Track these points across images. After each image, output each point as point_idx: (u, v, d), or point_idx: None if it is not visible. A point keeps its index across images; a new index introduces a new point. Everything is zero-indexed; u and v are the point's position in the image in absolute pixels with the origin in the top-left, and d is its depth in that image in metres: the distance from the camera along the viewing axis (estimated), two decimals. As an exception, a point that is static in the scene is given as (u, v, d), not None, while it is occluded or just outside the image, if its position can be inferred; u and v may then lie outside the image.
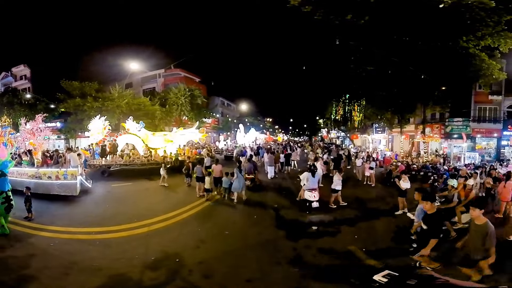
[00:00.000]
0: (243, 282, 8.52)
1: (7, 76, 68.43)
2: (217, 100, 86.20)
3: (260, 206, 17.34)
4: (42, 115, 31.20)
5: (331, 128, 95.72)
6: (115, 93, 47.36)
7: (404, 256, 9.90)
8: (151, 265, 9.50)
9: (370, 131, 66.69)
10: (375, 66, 36.35)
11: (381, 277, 3.43)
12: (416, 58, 31.31)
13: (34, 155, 24.74)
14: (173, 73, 66.80)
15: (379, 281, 3.49)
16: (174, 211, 15.68)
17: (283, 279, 8.71)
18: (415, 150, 47.54)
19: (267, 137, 78.67)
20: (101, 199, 18.59)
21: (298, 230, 12.99)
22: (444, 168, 27.16)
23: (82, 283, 8.44)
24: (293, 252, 10.55)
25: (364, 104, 56.67)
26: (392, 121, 50.15)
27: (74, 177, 19.45)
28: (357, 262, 9.81)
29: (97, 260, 9.78)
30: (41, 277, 8.60)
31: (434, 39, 26.02)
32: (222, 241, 11.84)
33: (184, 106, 57.17)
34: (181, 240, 11.78)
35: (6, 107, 52.15)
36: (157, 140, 31.94)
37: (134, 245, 11.17)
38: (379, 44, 29.35)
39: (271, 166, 26.26)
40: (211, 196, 18.36)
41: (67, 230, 12.87)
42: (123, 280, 8.60)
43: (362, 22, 19.79)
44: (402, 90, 39.49)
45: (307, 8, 18.24)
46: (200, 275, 8.87)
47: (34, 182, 18.38)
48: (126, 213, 15.22)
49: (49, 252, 10.33)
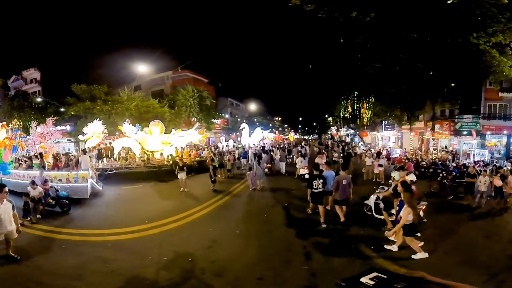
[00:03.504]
0: (255, 280, 8.58)
1: (17, 79, 68.49)
2: (225, 100, 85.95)
3: (270, 203, 17.73)
4: (52, 119, 31.32)
5: (341, 126, 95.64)
6: (124, 95, 47.38)
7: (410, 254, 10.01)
8: (164, 266, 9.57)
9: (379, 128, 66.54)
10: (383, 63, 36.16)
11: (368, 279, 3.37)
12: (425, 55, 31.07)
13: (44, 158, 24.84)
14: (181, 74, 66.40)
15: (366, 284, 3.47)
16: (185, 211, 15.78)
17: (294, 277, 8.75)
18: (424, 147, 47.40)
19: (276, 136, 78.51)
20: (112, 201, 18.69)
21: (308, 227, 13.07)
22: (453, 165, 27.03)
23: (95, 285, 8.51)
24: (303, 250, 10.59)
25: (373, 101, 56.68)
26: (402, 118, 49.75)
27: (85, 180, 19.58)
28: (366, 260, 9.81)
29: (109, 261, 9.86)
30: (54, 279, 8.69)
31: (443, 36, 25.74)
32: (234, 240, 11.92)
33: (193, 108, 57.08)
34: (193, 240, 11.81)
35: (16, 110, 52.60)
36: (154, 142, 31.71)
37: (147, 246, 11.23)
38: (386, 41, 29.23)
39: (283, 162, 29.28)
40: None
41: (79, 232, 13.02)
42: (136, 280, 8.67)
43: (368, 19, 19.71)
44: (411, 86, 39.31)
45: (310, 7, 18.12)
46: (212, 275, 8.93)
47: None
48: (138, 215, 15.33)
49: (61, 254, 10.41)
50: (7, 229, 9.44)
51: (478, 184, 16.78)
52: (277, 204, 17.43)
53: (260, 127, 64.84)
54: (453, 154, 37.33)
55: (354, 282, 3.52)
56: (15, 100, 53.90)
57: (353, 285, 3.75)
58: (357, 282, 3.42)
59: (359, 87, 56.84)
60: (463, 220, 14.48)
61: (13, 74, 68.32)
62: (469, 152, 39.00)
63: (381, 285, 3.48)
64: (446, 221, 14.19)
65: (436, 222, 13.91)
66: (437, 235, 12.13)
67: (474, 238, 11.89)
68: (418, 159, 32.14)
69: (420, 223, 12.17)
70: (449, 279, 4.38)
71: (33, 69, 66.78)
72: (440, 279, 3.15)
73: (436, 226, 13.36)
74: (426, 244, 10.71)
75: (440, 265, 9.21)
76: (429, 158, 34.54)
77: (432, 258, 9.80)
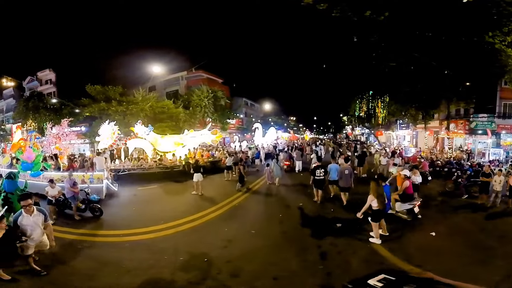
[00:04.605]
0: (271, 280, 8.61)
1: (32, 81, 69.06)
2: (240, 100, 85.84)
3: (285, 203, 17.85)
4: (67, 120, 31.68)
5: (356, 125, 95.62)
6: (138, 96, 47.42)
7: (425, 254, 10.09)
8: (180, 266, 9.61)
9: (394, 127, 66.23)
10: (398, 62, 36.02)
11: (376, 281, 3.31)
12: (440, 54, 30.93)
13: (60, 159, 24.99)
14: (196, 75, 66.71)
15: (374, 286, 3.45)
16: (200, 212, 15.87)
17: (309, 277, 8.78)
18: (439, 146, 47.09)
19: (291, 136, 78.40)
20: (128, 202, 18.80)
21: (323, 227, 13.11)
22: (468, 164, 26.89)
23: (111, 285, 8.56)
24: (318, 250, 10.62)
25: (388, 100, 56.29)
26: (417, 117, 49.42)
27: (100, 181, 19.81)
28: (381, 259, 9.83)
29: (125, 261, 9.92)
30: (70, 279, 8.75)
31: (458, 35, 25.50)
32: (249, 240, 11.97)
33: (207, 108, 57.15)
34: (209, 240, 11.86)
35: (31, 111, 52.93)
36: (167, 143, 31.92)
37: (162, 246, 11.28)
38: (400, 40, 29.12)
39: (299, 160, 30.29)
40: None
41: (94, 232, 13.13)
42: (152, 280, 8.71)
43: (382, 18, 19.61)
44: (426, 85, 39.12)
45: (323, 6, 18.07)
46: (228, 274, 8.96)
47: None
48: (153, 215, 15.37)
49: (77, 254, 10.45)
50: (37, 239, 8.91)
51: (493, 183, 16.61)
52: (292, 203, 17.45)
53: (275, 127, 64.91)
54: (468, 153, 37.00)
55: (361, 284, 3.47)
56: (30, 101, 54.22)
57: (360, 286, 3.71)
58: (364, 284, 3.39)
59: (374, 86, 56.60)
60: (477, 219, 14.36)
61: (28, 75, 68.95)
62: (484, 151, 38.48)
63: (389, 287, 3.47)
64: (460, 220, 14.19)
65: (450, 221, 13.97)
66: (451, 234, 12.15)
67: (488, 237, 11.79)
68: (433, 158, 32.10)
69: (416, 218, 13.84)
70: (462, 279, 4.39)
71: (48, 70, 67.29)
72: (449, 279, 3.13)
73: (450, 225, 13.39)
74: (440, 243, 10.97)
75: (454, 265, 9.11)
76: (444, 157, 34.34)
77: (445, 257, 9.80)
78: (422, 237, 11.91)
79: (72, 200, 15.45)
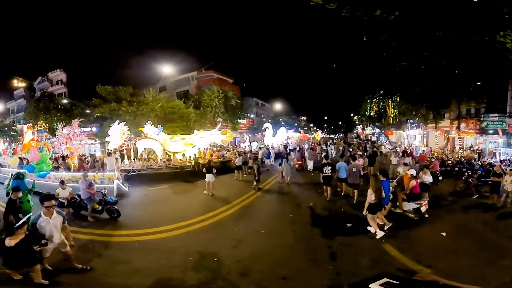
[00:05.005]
0: (280, 280, 8.61)
1: (43, 81, 69.46)
2: (251, 100, 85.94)
3: (295, 202, 17.93)
4: (78, 120, 31.97)
5: (366, 125, 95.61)
6: (149, 97, 47.47)
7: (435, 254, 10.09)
8: (190, 265, 9.66)
9: (405, 127, 66.21)
10: (408, 61, 35.95)
11: (377, 285, 3.23)
12: (450, 53, 30.79)
13: (70, 159, 25.10)
14: (206, 75, 66.70)
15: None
16: (210, 212, 15.92)
17: (318, 277, 8.77)
18: (450, 145, 46.95)
19: (302, 136, 78.37)
20: (138, 202, 18.81)
21: (333, 227, 13.09)
22: (478, 163, 26.80)
23: (122, 284, 8.62)
24: (328, 250, 10.64)
25: (398, 100, 56.20)
26: (427, 116, 49.45)
27: (111, 181, 19.93)
28: (391, 260, 9.82)
29: (136, 261, 9.98)
30: (81, 279, 8.78)
31: (469, 34, 25.34)
32: (259, 240, 12.01)
33: (218, 108, 57.19)
34: (219, 240, 11.89)
35: (42, 112, 53.25)
36: (176, 144, 31.93)
37: (173, 246, 11.34)
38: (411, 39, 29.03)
39: (311, 160, 31.29)
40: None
41: (105, 232, 13.21)
42: (163, 280, 8.75)
43: (392, 17, 19.54)
44: (437, 85, 39.00)
45: (332, 6, 18.04)
46: (238, 274, 8.99)
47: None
48: (164, 215, 15.45)
49: (88, 254, 10.47)
50: (57, 242, 8.79)
51: (504, 183, 16.47)
52: (302, 203, 17.51)
53: (285, 127, 64.83)
54: (479, 153, 36.82)
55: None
56: (41, 102, 54.54)
57: None
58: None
59: (385, 86, 56.56)
60: (488, 219, 14.28)
61: (39, 76, 69.34)
62: (495, 151, 38.16)
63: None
64: (471, 220, 14.15)
65: (460, 221, 13.97)
66: (461, 234, 12.12)
67: (499, 237, 11.75)
68: (444, 158, 31.98)
69: (422, 217, 13.88)
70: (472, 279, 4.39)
71: (59, 71, 67.65)
72: (454, 282, 3.09)
73: (461, 225, 13.37)
74: (450, 243, 10.98)
75: (464, 265, 9.12)
76: (454, 157, 34.21)
77: (455, 257, 9.78)
78: (432, 237, 11.89)
79: (88, 201, 15.26)
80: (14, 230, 8.03)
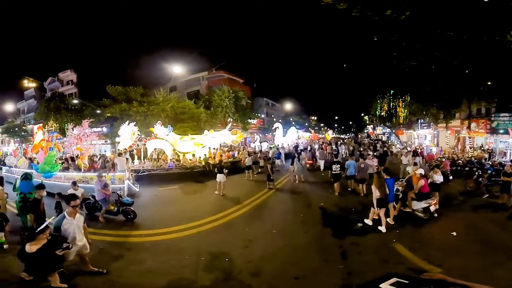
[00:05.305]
0: (292, 280, 8.62)
1: (54, 81, 70.09)
2: (261, 100, 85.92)
3: (306, 202, 17.96)
4: (88, 120, 32.13)
5: (377, 125, 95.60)
6: (159, 97, 47.57)
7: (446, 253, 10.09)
8: (201, 266, 9.68)
9: (415, 127, 66.00)
10: (418, 61, 35.89)
11: (388, 285, 3.20)
12: (461, 53, 30.72)
13: (81, 159, 25.21)
14: (217, 75, 66.74)
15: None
16: (221, 212, 15.97)
17: (330, 276, 8.80)
18: (460, 145, 46.85)
19: (312, 135, 78.27)
20: (149, 203, 18.76)
21: (344, 227, 13.13)
22: (489, 163, 26.71)
23: (134, 284, 8.66)
24: (339, 250, 10.66)
25: (409, 99, 56.12)
26: (438, 116, 49.62)
27: (122, 181, 19.98)
28: (401, 259, 9.83)
29: (147, 261, 10.03)
30: (93, 279, 8.82)
31: (479, 34, 25.27)
32: (270, 240, 12.02)
33: (228, 108, 57.43)
34: (230, 240, 11.92)
35: (53, 112, 53.57)
36: (186, 144, 31.92)
37: (184, 246, 11.37)
38: (421, 39, 28.96)
39: (322, 160, 32.07)
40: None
41: (116, 233, 13.26)
42: (174, 280, 8.77)
43: (403, 17, 19.52)
44: (447, 85, 39.03)
45: (343, 5, 18.03)
46: (249, 274, 9.01)
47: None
48: (175, 216, 15.49)
49: (100, 255, 10.50)
50: (80, 244, 8.59)
51: (514, 183, 16.47)
52: (313, 203, 17.56)
53: (296, 127, 65.04)
54: (489, 153, 36.60)
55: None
56: (52, 102, 54.90)
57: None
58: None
59: (395, 86, 56.54)
60: (498, 219, 14.23)
61: (49, 76, 69.95)
62: (506, 150, 38.28)
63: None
64: (481, 220, 14.08)
65: (470, 221, 13.89)
66: (472, 234, 12.08)
67: (509, 237, 11.68)
68: (454, 158, 31.97)
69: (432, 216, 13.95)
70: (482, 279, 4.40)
71: (69, 71, 68.24)
72: (461, 281, 3.10)
73: (471, 224, 13.30)
74: (460, 242, 10.97)
75: (474, 265, 9.12)
76: (465, 156, 34.15)
77: (465, 257, 9.79)
78: (443, 236, 11.87)
79: (103, 202, 15.13)
80: (35, 235, 7.59)
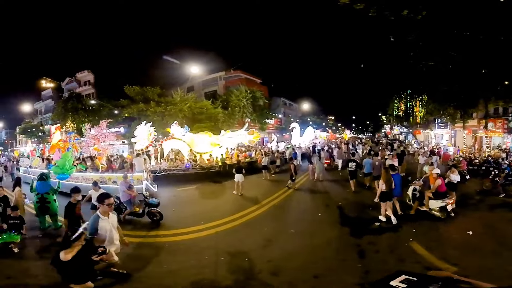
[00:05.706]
0: (311, 278, 8.68)
1: (71, 82, 70.71)
2: (278, 100, 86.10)
3: (324, 202, 18.07)
4: (106, 121, 32.24)
5: (394, 124, 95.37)
6: (177, 97, 47.88)
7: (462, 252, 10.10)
8: (221, 265, 9.75)
9: (432, 126, 65.99)
10: (435, 61, 35.85)
11: (398, 282, 3.23)
12: (478, 52, 30.61)
13: (98, 160, 25.46)
14: (234, 75, 66.93)
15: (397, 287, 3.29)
16: (240, 212, 16.10)
17: (348, 275, 8.86)
18: (477, 145, 46.49)
19: (329, 135, 78.19)
20: (167, 203, 18.58)
21: (361, 226, 13.23)
22: (506, 162, 26.65)
23: (154, 285, 8.72)
24: (357, 248, 10.72)
25: (426, 99, 56.31)
26: (455, 116, 49.62)
27: (140, 182, 20.08)
28: (418, 258, 9.83)
29: (166, 263, 10.10)
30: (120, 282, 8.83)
31: (496, 34, 25.15)
32: (289, 239, 12.10)
33: (246, 108, 57.60)
34: (249, 240, 12.00)
35: (70, 112, 54.11)
36: (203, 144, 31.77)
37: (203, 246, 11.46)
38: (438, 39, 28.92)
39: (339, 159, 32.50)
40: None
41: (134, 233, 13.27)
42: (194, 281, 8.80)
43: (420, 17, 19.52)
44: (464, 85, 38.71)
45: (360, 6, 18.05)
46: (269, 274, 9.07)
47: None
48: (193, 216, 15.63)
49: (118, 255, 10.39)
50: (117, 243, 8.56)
51: (531, 182, 16.44)
52: (331, 202, 17.67)
53: (313, 126, 64.88)
54: (507, 152, 36.40)
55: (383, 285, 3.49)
56: (69, 102, 55.54)
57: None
58: (387, 285, 3.36)
59: (412, 85, 56.42)
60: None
61: (67, 77, 70.54)
62: (523, 150, 37.94)
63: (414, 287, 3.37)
64: (497, 219, 14.03)
65: (487, 220, 13.84)
66: (488, 233, 12.05)
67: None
68: (471, 157, 32.01)
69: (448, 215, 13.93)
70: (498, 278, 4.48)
71: (87, 72, 68.84)
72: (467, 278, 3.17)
73: (487, 224, 13.26)
74: (476, 241, 11.00)
75: (489, 264, 9.09)
76: (482, 156, 34.08)
77: (482, 256, 9.80)
78: (459, 235, 11.87)
79: (128, 204, 15.02)
80: (70, 242, 7.25)
